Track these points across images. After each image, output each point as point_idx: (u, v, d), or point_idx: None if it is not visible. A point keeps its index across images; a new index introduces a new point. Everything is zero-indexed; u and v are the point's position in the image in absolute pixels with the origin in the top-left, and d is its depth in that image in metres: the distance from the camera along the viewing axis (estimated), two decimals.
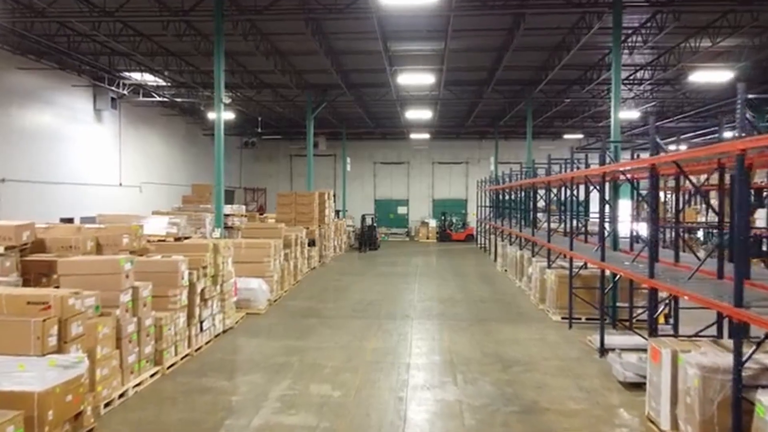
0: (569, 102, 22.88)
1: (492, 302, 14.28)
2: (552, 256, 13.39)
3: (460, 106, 26.35)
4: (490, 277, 18.81)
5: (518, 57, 16.97)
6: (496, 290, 16.13)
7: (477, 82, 21.08)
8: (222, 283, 10.55)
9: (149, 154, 25.98)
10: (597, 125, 30.60)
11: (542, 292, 13.34)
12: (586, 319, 11.66)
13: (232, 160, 37.35)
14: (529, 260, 15.40)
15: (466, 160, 39.12)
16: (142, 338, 7.78)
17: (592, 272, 11.96)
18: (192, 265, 9.32)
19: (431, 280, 17.97)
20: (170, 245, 10.30)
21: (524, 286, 15.81)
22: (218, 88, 12.43)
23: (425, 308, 13.43)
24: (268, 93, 22.48)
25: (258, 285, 12.87)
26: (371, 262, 23.15)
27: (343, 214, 32.88)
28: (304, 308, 13.37)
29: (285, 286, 15.27)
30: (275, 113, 28.19)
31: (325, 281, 17.67)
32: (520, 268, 16.74)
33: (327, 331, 11.01)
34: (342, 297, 14.84)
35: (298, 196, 21.25)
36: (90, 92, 20.75)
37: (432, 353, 9.59)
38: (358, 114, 28.26)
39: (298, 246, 17.18)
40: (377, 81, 20.61)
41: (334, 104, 25.78)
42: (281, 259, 15.05)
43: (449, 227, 34.57)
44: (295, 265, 16.80)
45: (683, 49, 16.03)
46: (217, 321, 10.33)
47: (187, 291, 9.06)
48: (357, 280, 17.90)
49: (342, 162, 34.01)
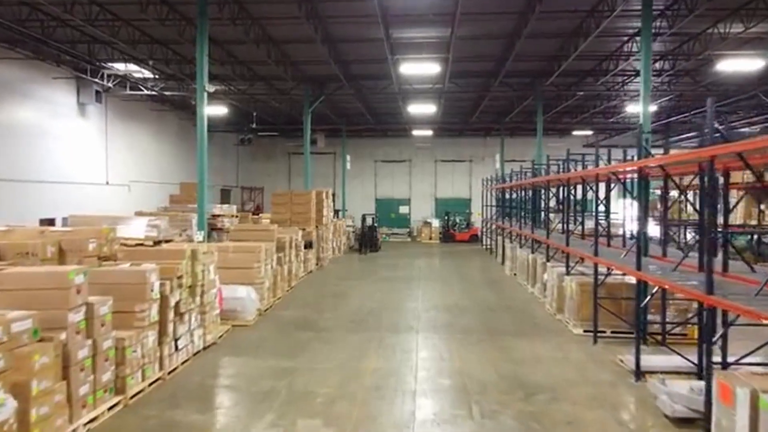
0: (581, 96, 21.63)
1: (503, 311, 13.03)
2: (567, 260, 12.15)
3: (465, 101, 25.10)
4: (498, 282, 17.56)
5: (530, 45, 15.72)
6: (506, 297, 14.88)
7: (484, 73, 19.83)
8: (202, 294, 9.31)
9: (138, 151, 24.74)
10: (607, 121, 29.35)
11: (560, 301, 12.09)
12: (612, 333, 10.43)
13: (228, 158, 36.17)
14: (543, 265, 14.14)
15: (470, 158, 37.95)
16: (99, 364, 6.54)
17: (619, 280, 10.72)
18: (164, 274, 8.07)
19: (436, 285, 16.73)
20: (143, 251, 9.07)
21: (538, 293, 14.57)
22: (201, 75, 11.20)
23: (430, 318, 12.19)
24: (262, 86, 21.24)
25: (246, 293, 11.63)
26: (372, 265, 21.91)
27: (342, 213, 31.66)
28: (297, 319, 12.13)
29: (278, 293, 14.04)
30: (271, 108, 26.93)
31: (322, 287, 16.43)
32: (533, 273, 15.49)
33: (322, 347, 9.77)
34: (340, 305, 13.60)
35: (294, 196, 20.02)
36: (73, 85, 19.49)
37: (441, 375, 8.35)
38: (358, 110, 27.03)
39: (292, 249, 15.95)
40: (378, 72, 19.36)
41: (333, 99, 24.55)
42: (273, 263, 13.82)
43: (453, 227, 33.33)
44: (290, 270, 15.57)
45: (711, 35, 14.77)
46: (197, 337, 9.09)
47: (158, 305, 7.82)
48: (356, 285, 16.66)
49: (342, 160, 32.77)
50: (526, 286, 16.02)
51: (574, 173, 12.30)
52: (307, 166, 22.29)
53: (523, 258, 16.97)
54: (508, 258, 19.90)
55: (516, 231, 19.43)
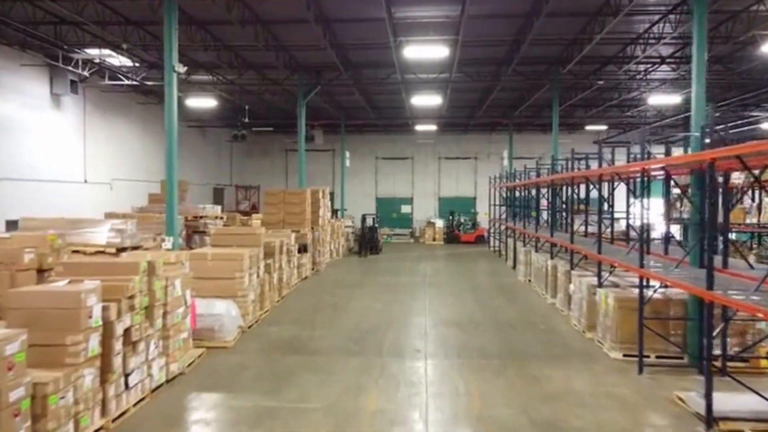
0: (599, 86, 19.87)
1: (524, 327, 11.34)
2: (599, 270, 10.45)
3: (473, 92, 23.37)
4: (512, 290, 15.87)
5: (549, 25, 14.01)
6: (523, 309, 13.19)
7: (495, 61, 18.10)
8: (165, 315, 7.63)
9: (122, 147, 23.04)
10: (622, 115, 27.61)
11: (591, 317, 10.40)
12: (657, 358, 8.78)
13: (222, 155, 34.51)
14: (566, 274, 12.44)
15: (475, 155, 36.34)
16: (5, 421, 4.87)
17: (665, 295, 9.02)
18: (110, 294, 6.40)
19: (443, 294, 15.04)
20: (88, 265, 7.38)
21: (560, 305, 12.88)
22: (169, 52, 9.50)
23: (440, 337, 10.51)
24: (253, 76, 19.50)
25: (225, 309, 9.95)
26: (372, 270, 20.22)
27: (341, 213, 29.99)
28: (285, 338, 10.44)
29: (265, 305, 12.36)
30: (265, 102, 25.21)
31: (316, 296, 14.75)
32: (552, 281, 13.81)
33: (312, 378, 8.09)
34: (336, 319, 11.91)
35: (288, 195, 18.32)
36: (45, 74, 17.78)
37: (458, 422, 6.65)
38: (358, 103, 25.30)
39: (283, 254, 14.27)
40: (379, 59, 17.65)
41: (331, 90, 22.85)
42: (260, 272, 12.14)
43: (457, 228, 31.62)
44: (280, 278, 13.89)
45: (754, 14, 13.06)
46: (156, 369, 7.40)
47: (99, 334, 6.14)
48: (355, 294, 14.97)
49: (341, 157, 31.06)
50: (545, 296, 14.34)
51: (606, 169, 10.58)
52: (302, 163, 20.57)
53: (540, 264, 15.28)
54: (521, 263, 18.21)
55: (530, 233, 17.72)
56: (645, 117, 28.03)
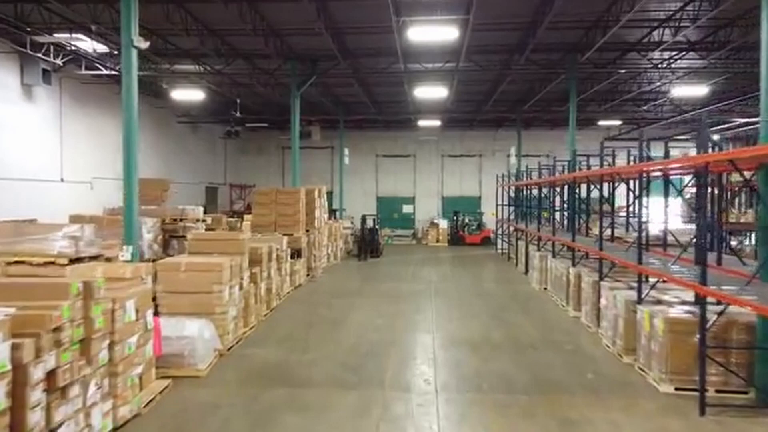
0: (620, 76, 18.31)
1: (547, 348, 9.78)
2: (639, 283, 8.89)
3: (481, 84, 21.83)
4: (528, 300, 14.32)
5: (570, 4, 12.49)
6: (544, 324, 11.63)
7: (507, 48, 16.51)
8: (112, 346, 6.08)
9: (104, 143, 21.47)
10: (638, 110, 26.04)
11: (629, 339, 8.85)
12: (716, 392, 7.21)
13: (216, 153, 32.98)
14: (594, 285, 10.87)
15: (480, 152, 34.87)
16: None
17: (730, 318, 7.46)
18: (27, 327, 4.85)
19: (452, 305, 13.49)
20: (10, 285, 5.83)
21: (586, 320, 11.33)
22: (127, 22, 7.93)
23: (452, 362, 8.96)
24: (243, 65, 17.92)
25: (198, 330, 8.39)
26: (372, 275, 18.67)
27: (340, 214, 28.44)
28: (270, 363, 8.89)
29: (250, 321, 10.81)
30: (258, 95, 23.65)
31: (310, 308, 13.21)
32: (576, 292, 12.25)
33: (296, 422, 6.53)
34: (330, 338, 10.35)
35: (280, 194, 16.75)
36: (14, 62, 16.21)
37: None
38: (357, 96, 23.78)
39: (273, 261, 12.72)
40: (380, 46, 16.09)
41: (328, 82, 21.29)
42: (244, 282, 10.59)
43: (462, 229, 30.04)
44: (269, 289, 12.34)
45: None
46: (98, 416, 5.84)
47: (7, 383, 4.59)
48: (353, 304, 13.41)
49: (339, 154, 29.47)
50: (566, 308, 12.79)
51: (648, 164, 8.98)
52: (296, 160, 18.99)
53: (559, 271, 13.72)
54: (534, 268, 16.63)
55: (545, 236, 16.15)
56: (661, 112, 26.48)
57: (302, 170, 34.78)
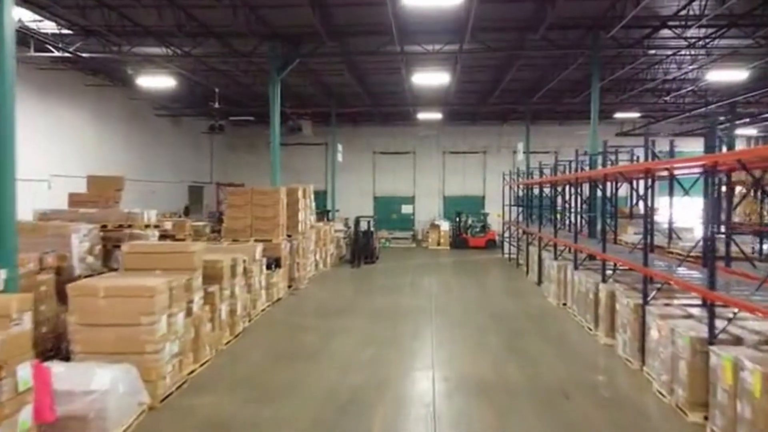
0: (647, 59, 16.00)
1: (583, 395, 7.50)
2: (711, 316, 6.62)
3: (486, 71, 19.57)
4: (545, 319, 12.07)
5: None
6: (572, 356, 9.36)
7: (519, 24, 14.20)
8: None
9: (67, 138, 19.32)
10: (658, 101, 23.73)
11: (695, 390, 6.59)
12: None
13: (201, 149, 30.75)
14: (637, 310, 8.59)
15: (484, 148, 32.73)
16: None
17: None
18: None
19: (456, 329, 11.23)
20: None
21: (624, 352, 9.04)
22: None
23: (459, 420, 6.70)
24: (217, 46, 15.61)
25: (110, 382, 6.13)
26: (365, 286, 16.43)
27: (332, 215, 26.18)
28: (214, 424, 6.62)
29: (202, 355, 8.56)
30: (241, 85, 21.38)
31: (285, 332, 10.96)
32: (608, 315, 9.96)
33: None
34: (301, 380, 8.08)
35: (256, 195, 14.48)
36: None
37: None
38: (350, 87, 21.54)
39: (239, 276, 10.46)
40: (372, 21, 13.84)
41: (315, 68, 19.03)
42: (195, 306, 8.34)
43: (465, 231, 27.75)
44: (232, 310, 10.08)
45: None
46: None
47: None
48: (337, 327, 11.15)
49: (333, 151, 27.18)
50: (594, 333, 10.53)
51: (716, 156, 6.71)
52: (276, 154, 16.63)
53: (584, 287, 11.43)
54: (550, 280, 14.35)
55: (565, 243, 13.88)
56: (683, 103, 24.19)
57: (295, 168, 32.81)
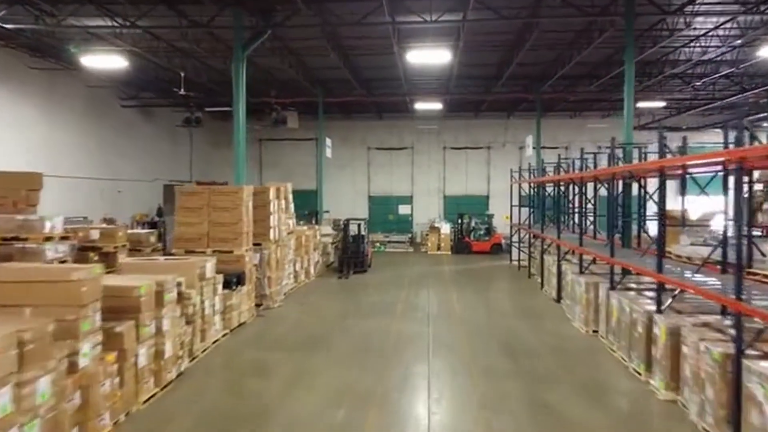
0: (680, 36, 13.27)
1: None
2: None
3: (494, 49, 16.89)
4: (578, 358, 9.37)
5: None
6: (626, 425, 6.68)
7: None
8: None
9: (8, 128, 16.64)
10: (685, 88, 21.04)
11: None
12: None
13: (177, 145, 28.07)
14: (724, 360, 5.91)
15: (488, 144, 30.18)
16: None
17: None
18: None
19: (461, 374, 8.52)
20: None
21: (700, 417, 6.35)
22: None
23: None
24: (168, 15, 12.87)
25: None
26: (350, 305, 13.76)
27: (320, 217, 23.50)
28: None
29: (93, 429, 5.88)
30: (214, 70, 18.69)
31: (232, 379, 8.28)
32: (670, 358, 7.27)
33: None
34: None
35: (215, 195, 11.78)
36: None
37: None
38: (339, 72, 18.83)
39: (169, 305, 7.76)
40: None
41: (293, 45, 16.33)
42: (82, 360, 5.68)
43: (468, 234, 25.06)
44: (158, 353, 7.38)
45: None
46: None
47: None
48: (304, 370, 8.46)
49: (321, 145, 24.47)
50: (648, 380, 7.84)
51: None
52: (240, 146, 13.80)
53: (630, 318, 8.71)
54: (576, 301, 11.61)
55: (601, 257, 11.16)
56: (713, 91, 21.51)
57: (283, 166, 30.09)
